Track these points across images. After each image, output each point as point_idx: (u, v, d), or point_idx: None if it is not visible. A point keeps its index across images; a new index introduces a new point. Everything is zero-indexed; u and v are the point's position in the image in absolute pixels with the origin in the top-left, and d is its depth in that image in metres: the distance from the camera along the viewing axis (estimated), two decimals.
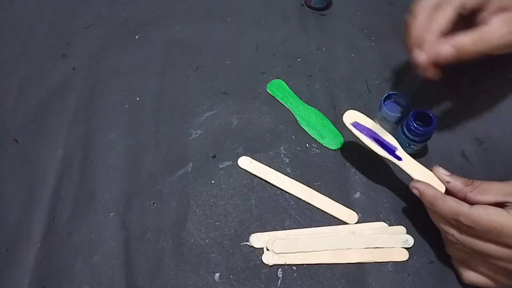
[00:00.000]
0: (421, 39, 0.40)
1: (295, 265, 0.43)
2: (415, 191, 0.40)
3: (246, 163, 0.49)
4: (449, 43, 0.39)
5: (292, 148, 0.50)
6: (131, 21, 0.64)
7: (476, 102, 0.53)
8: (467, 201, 0.37)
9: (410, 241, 0.43)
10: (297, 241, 0.43)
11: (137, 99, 0.55)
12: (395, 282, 0.41)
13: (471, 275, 0.39)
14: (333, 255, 0.43)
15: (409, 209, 0.45)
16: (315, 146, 0.50)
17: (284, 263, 0.43)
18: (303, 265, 0.43)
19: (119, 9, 0.65)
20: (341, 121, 0.45)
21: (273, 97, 0.55)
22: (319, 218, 0.45)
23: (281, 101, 0.54)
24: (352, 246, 0.43)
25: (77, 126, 0.53)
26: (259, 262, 0.43)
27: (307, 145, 0.51)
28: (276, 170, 0.48)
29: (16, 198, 0.48)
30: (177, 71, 0.58)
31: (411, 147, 0.46)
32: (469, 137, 0.50)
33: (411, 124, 0.44)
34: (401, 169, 0.42)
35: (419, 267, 0.42)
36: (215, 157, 0.50)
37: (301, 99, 0.54)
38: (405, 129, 0.45)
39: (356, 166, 0.49)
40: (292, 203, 0.47)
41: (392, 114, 0.47)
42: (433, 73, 0.41)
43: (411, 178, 0.42)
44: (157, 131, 0.52)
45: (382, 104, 0.50)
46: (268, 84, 0.56)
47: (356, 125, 0.44)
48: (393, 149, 0.43)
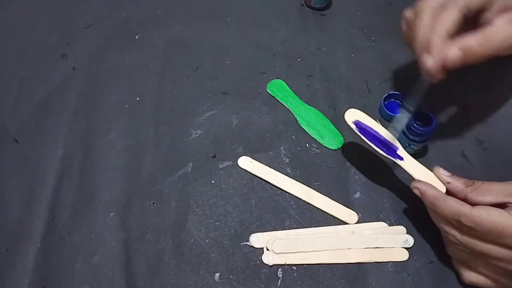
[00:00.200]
0: (428, 42, 0.39)
1: (295, 265, 0.43)
2: (416, 191, 0.39)
3: (246, 163, 0.49)
4: (456, 45, 0.37)
5: (292, 148, 0.50)
6: (131, 21, 0.64)
7: (476, 102, 0.53)
8: (467, 202, 0.37)
9: (410, 241, 0.43)
10: (297, 241, 0.43)
11: (137, 99, 0.55)
12: (395, 282, 0.41)
13: (471, 276, 0.39)
14: (333, 255, 0.43)
15: (409, 209, 0.45)
16: (315, 146, 0.50)
17: (284, 263, 0.43)
18: (303, 265, 0.43)
19: (119, 9, 0.65)
20: (341, 121, 0.45)
21: (273, 97, 0.55)
22: (319, 218, 0.45)
23: (281, 101, 0.54)
24: (352, 246, 0.43)
25: (77, 126, 0.53)
26: (259, 262, 0.43)
27: (307, 145, 0.51)
28: (276, 170, 0.48)
29: (16, 198, 0.48)
30: (177, 71, 0.58)
31: (411, 147, 0.46)
32: (469, 137, 0.50)
33: (411, 124, 0.44)
34: (401, 169, 0.42)
35: (419, 267, 0.42)
36: (215, 157, 0.50)
37: (301, 99, 0.54)
38: (405, 129, 0.45)
39: (356, 166, 0.49)
40: (292, 203, 0.46)
41: (392, 114, 0.47)
42: (441, 77, 0.39)
43: (411, 178, 0.41)
44: (157, 131, 0.52)
45: (382, 104, 0.50)
46: (268, 84, 0.56)
47: (357, 123, 0.44)
48: (395, 149, 0.43)
